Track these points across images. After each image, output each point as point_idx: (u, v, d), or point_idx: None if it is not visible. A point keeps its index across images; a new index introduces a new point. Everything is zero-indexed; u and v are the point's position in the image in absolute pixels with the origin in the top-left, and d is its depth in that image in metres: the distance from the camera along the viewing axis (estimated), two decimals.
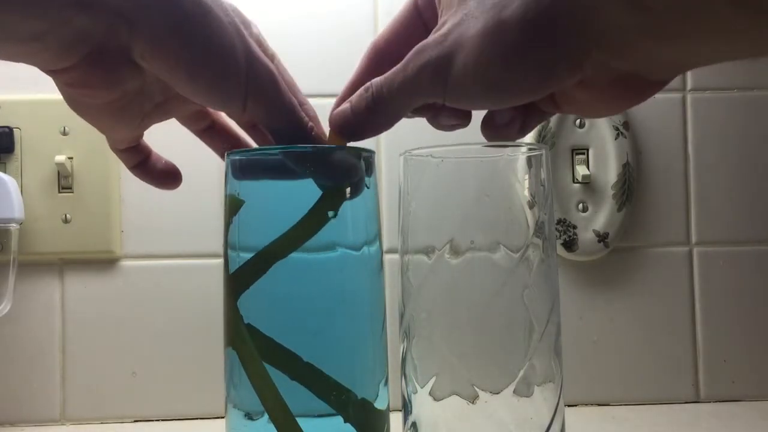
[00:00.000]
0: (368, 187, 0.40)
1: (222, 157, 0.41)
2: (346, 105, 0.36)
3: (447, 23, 0.32)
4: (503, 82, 0.31)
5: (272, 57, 0.41)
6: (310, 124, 0.37)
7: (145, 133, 0.43)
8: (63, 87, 0.35)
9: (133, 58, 0.33)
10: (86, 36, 0.31)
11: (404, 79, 0.33)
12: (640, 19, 0.26)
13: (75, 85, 0.35)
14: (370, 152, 0.41)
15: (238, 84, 0.34)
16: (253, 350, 0.38)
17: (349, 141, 0.37)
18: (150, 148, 0.44)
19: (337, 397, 0.38)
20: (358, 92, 0.35)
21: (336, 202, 0.38)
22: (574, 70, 0.29)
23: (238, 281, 0.38)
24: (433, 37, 0.33)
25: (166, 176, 0.44)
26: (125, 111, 0.37)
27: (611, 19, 0.27)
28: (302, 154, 0.38)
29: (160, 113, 0.40)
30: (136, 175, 0.43)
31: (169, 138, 0.65)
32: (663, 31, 0.27)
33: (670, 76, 0.31)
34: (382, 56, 0.38)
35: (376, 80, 0.35)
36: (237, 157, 0.40)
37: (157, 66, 0.33)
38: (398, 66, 0.34)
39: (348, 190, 0.38)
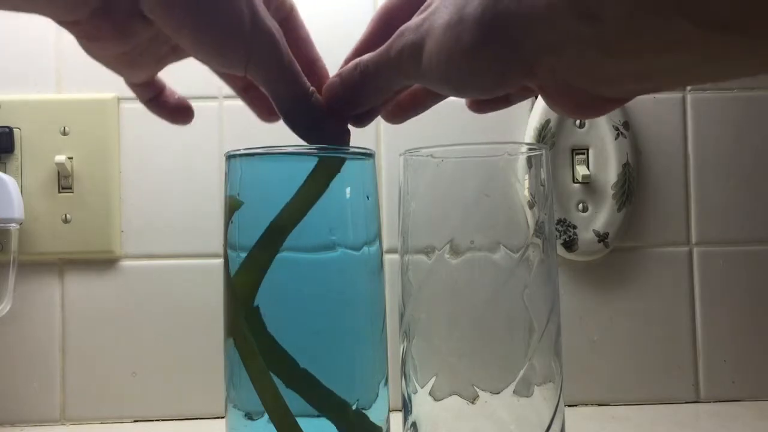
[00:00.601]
0: (368, 198, 0.40)
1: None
2: (335, 78, 0.37)
3: (430, 6, 0.33)
4: (460, 76, 0.31)
5: (289, 10, 0.41)
6: (311, 90, 0.37)
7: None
8: (77, 38, 0.35)
9: (143, 11, 0.33)
10: None
11: (387, 59, 0.34)
12: (591, 31, 0.25)
13: (87, 38, 0.35)
14: (371, 152, 0.41)
15: (240, 47, 0.34)
16: (255, 348, 0.38)
17: (338, 112, 0.37)
18: (163, 82, 0.43)
19: (331, 408, 0.38)
20: (349, 66, 0.36)
21: (331, 170, 0.38)
22: (526, 75, 0.29)
23: (248, 274, 0.38)
24: (414, 19, 0.33)
25: (179, 111, 0.44)
26: (139, 59, 0.37)
27: (563, 30, 0.26)
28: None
29: (176, 54, 0.40)
30: (150, 109, 0.43)
31: (169, 138, 0.65)
32: (615, 45, 0.26)
33: (627, 95, 0.30)
34: (390, 19, 0.38)
35: (365, 57, 0.35)
36: (237, 157, 0.40)
37: (163, 23, 0.33)
38: (384, 45, 0.34)
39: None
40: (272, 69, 0.36)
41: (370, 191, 0.41)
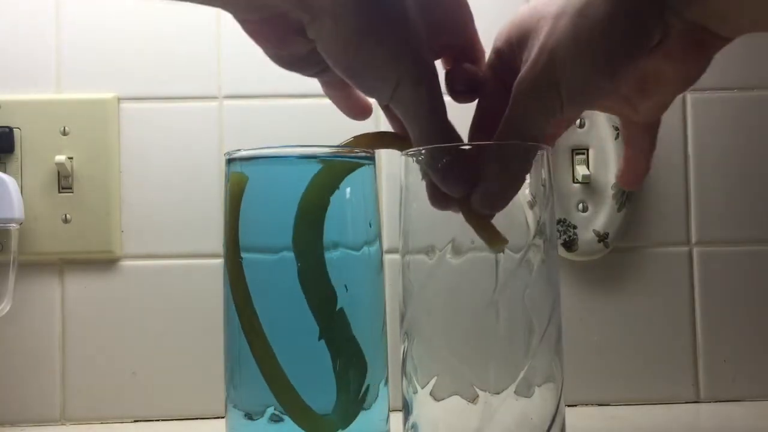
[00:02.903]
0: (369, 198, 0.40)
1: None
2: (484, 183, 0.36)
3: (535, 47, 0.35)
4: (608, 52, 0.33)
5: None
6: (455, 133, 0.37)
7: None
8: (242, 28, 0.38)
9: (307, 34, 0.35)
10: (271, 5, 0.34)
11: (518, 109, 0.35)
12: None
13: (251, 34, 0.37)
14: (371, 156, 0.41)
15: (388, 76, 0.35)
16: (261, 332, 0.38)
17: (499, 208, 0.36)
18: None
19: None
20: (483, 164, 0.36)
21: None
22: (658, 19, 0.33)
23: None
24: (527, 65, 0.35)
25: (358, 106, 0.44)
26: (294, 63, 0.39)
27: None
28: None
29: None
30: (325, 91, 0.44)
31: (169, 138, 0.65)
32: None
33: (736, 33, 0.34)
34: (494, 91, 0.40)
35: (496, 136, 0.36)
36: (236, 157, 0.41)
37: (320, 49, 0.35)
38: (508, 108, 0.35)
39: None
40: (414, 115, 0.36)
41: (370, 192, 0.41)
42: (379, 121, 0.64)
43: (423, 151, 0.37)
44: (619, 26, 0.33)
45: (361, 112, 0.44)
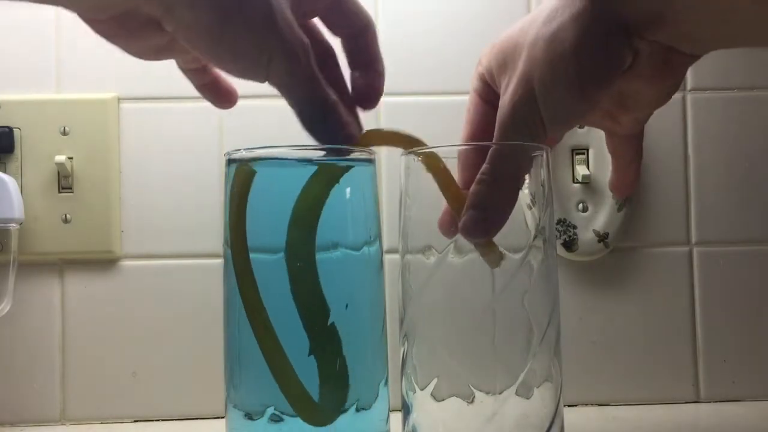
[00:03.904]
0: (369, 199, 0.40)
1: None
2: (471, 211, 0.36)
3: (515, 75, 0.36)
4: (583, 76, 0.35)
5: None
6: (331, 100, 0.37)
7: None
8: (95, 32, 0.37)
9: (162, 26, 0.34)
10: (119, 2, 0.33)
11: (504, 138, 0.36)
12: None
13: (100, 32, 0.36)
14: (372, 158, 0.41)
15: (259, 56, 0.35)
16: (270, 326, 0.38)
17: (490, 235, 0.37)
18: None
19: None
20: (472, 188, 0.36)
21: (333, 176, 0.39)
22: (626, 44, 0.34)
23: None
24: (508, 92, 0.36)
25: (227, 94, 0.45)
26: (151, 53, 0.38)
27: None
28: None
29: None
30: (203, 94, 0.44)
31: (169, 138, 0.65)
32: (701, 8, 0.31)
33: (702, 51, 0.36)
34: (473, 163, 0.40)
35: (483, 166, 0.36)
36: (236, 158, 0.40)
37: (182, 39, 0.35)
38: (495, 136, 0.37)
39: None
40: (290, 76, 0.36)
41: (370, 192, 0.41)
42: (379, 120, 0.64)
43: (423, 151, 0.38)
44: (588, 52, 0.34)
45: (227, 99, 0.44)
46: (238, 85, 0.66)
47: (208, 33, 0.34)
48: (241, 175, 0.40)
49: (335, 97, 0.37)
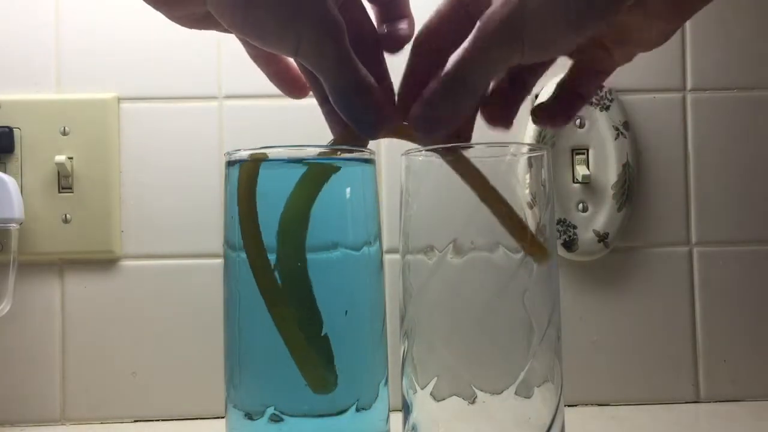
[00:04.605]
0: (368, 199, 0.40)
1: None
2: (419, 103, 0.35)
3: None
4: (581, 7, 0.32)
5: None
6: (368, 81, 0.35)
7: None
8: None
9: None
10: None
11: (480, 48, 0.33)
12: None
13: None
14: (372, 158, 0.41)
15: (287, 36, 0.34)
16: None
17: (434, 135, 0.36)
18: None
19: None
20: (431, 84, 0.35)
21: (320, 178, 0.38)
22: None
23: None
24: (496, 3, 0.33)
25: (294, 84, 0.43)
26: (192, 22, 0.37)
27: None
28: None
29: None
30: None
31: (169, 138, 0.65)
32: None
33: None
34: (433, 47, 0.38)
35: (447, 67, 0.34)
36: (236, 158, 0.40)
37: (213, 13, 0.34)
38: (468, 41, 0.34)
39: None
40: (324, 54, 0.35)
41: (371, 192, 0.41)
42: None
43: (424, 151, 0.37)
44: None
45: (298, 88, 0.43)
46: (239, 85, 0.66)
47: (235, 8, 0.33)
48: (247, 168, 0.39)
49: (371, 80, 0.36)
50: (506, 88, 0.39)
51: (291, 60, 0.42)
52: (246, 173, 0.39)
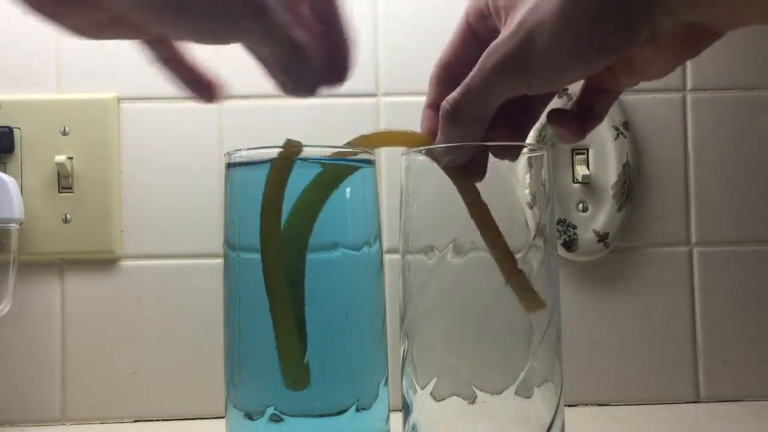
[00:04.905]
0: (368, 199, 0.40)
1: None
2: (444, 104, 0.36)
3: (515, 19, 0.33)
4: (591, 48, 0.32)
5: None
6: (296, 41, 0.35)
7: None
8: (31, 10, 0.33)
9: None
10: None
11: (483, 79, 0.34)
12: None
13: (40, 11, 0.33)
14: (372, 159, 0.41)
15: (229, 43, 0.34)
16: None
17: (444, 162, 0.37)
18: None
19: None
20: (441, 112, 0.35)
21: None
22: (648, 22, 0.32)
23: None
24: (504, 34, 0.33)
25: (201, 84, 0.43)
26: (92, 29, 0.36)
27: None
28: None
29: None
30: (162, 70, 0.42)
31: (169, 138, 0.65)
32: None
33: (735, 27, 0.33)
34: (450, 76, 0.38)
35: (451, 95, 0.35)
36: (236, 158, 0.40)
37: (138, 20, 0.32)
38: (473, 72, 0.34)
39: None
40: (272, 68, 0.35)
41: (371, 193, 0.41)
42: (379, 120, 0.64)
43: (424, 151, 0.37)
44: (607, 24, 0.32)
45: (209, 92, 0.42)
46: (239, 84, 0.66)
47: (157, 18, 0.32)
48: (279, 164, 0.39)
49: (303, 38, 0.35)
50: (515, 115, 0.39)
51: (195, 62, 0.42)
52: (277, 169, 0.39)
